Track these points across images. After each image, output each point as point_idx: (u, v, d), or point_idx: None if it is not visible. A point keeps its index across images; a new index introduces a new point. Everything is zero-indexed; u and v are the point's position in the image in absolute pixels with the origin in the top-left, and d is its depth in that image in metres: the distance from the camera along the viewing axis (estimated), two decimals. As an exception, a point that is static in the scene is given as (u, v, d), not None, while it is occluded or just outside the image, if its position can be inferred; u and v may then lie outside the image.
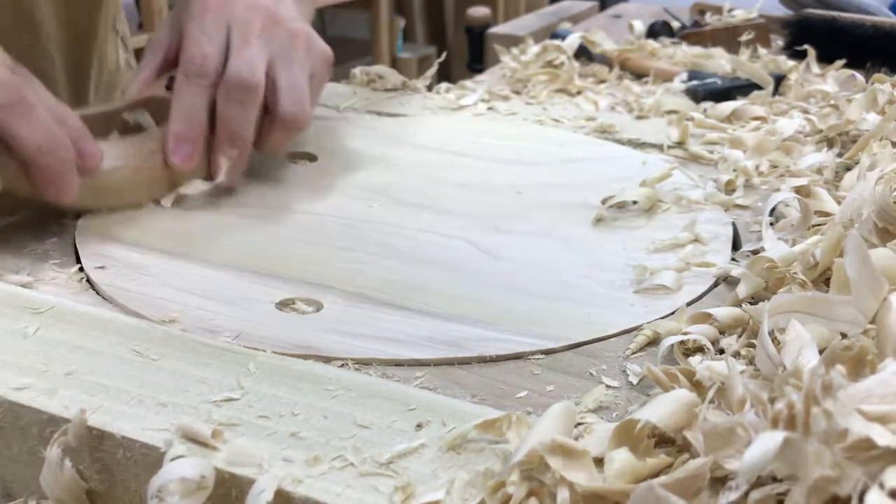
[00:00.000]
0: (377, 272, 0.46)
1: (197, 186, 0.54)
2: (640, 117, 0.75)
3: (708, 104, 0.77)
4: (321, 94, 0.59)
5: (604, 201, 0.55)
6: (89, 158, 0.47)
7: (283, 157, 0.61)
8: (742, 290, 0.42)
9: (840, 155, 0.63)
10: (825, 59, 0.91)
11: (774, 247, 0.45)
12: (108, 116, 0.54)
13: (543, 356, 0.39)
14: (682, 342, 0.38)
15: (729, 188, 0.58)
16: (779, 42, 1.05)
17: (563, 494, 0.27)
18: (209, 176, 0.54)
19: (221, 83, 0.52)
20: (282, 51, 0.54)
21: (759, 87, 0.80)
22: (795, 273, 0.41)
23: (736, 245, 0.50)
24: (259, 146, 0.55)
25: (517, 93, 0.83)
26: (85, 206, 0.50)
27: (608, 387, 0.36)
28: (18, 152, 0.44)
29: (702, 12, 1.15)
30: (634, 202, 0.55)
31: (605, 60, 0.93)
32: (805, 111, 0.75)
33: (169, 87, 0.55)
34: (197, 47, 0.52)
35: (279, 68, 0.53)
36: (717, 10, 1.13)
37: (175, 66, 0.55)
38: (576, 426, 0.32)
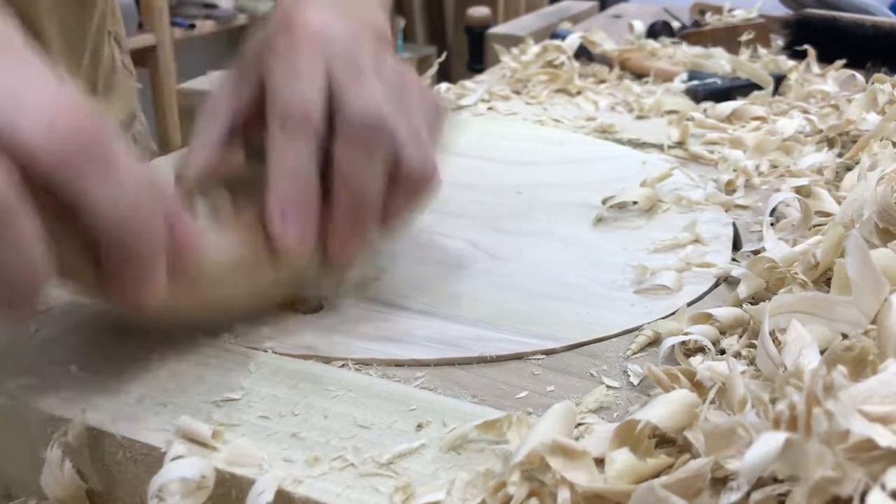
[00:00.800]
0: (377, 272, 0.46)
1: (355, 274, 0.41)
2: (640, 117, 0.75)
3: (708, 104, 0.77)
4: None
5: (604, 201, 0.55)
6: (188, 240, 0.34)
7: None
8: (743, 291, 0.42)
9: (840, 155, 0.63)
10: (825, 59, 0.91)
11: (775, 247, 0.45)
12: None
13: (544, 356, 0.39)
14: (682, 342, 0.38)
15: (729, 188, 0.58)
16: (779, 42, 1.05)
17: (563, 495, 0.27)
18: (325, 259, 0.40)
19: (339, 132, 0.38)
20: (395, 93, 0.40)
21: (759, 87, 0.80)
22: (796, 273, 0.41)
23: (736, 245, 0.50)
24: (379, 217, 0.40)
25: (517, 93, 0.83)
26: (169, 312, 0.35)
27: (609, 387, 0.36)
28: (90, 226, 0.30)
29: (702, 12, 1.15)
30: (634, 202, 0.55)
31: (606, 60, 0.93)
32: (805, 111, 0.75)
33: (259, 157, 0.39)
34: (293, 92, 0.38)
35: (400, 112, 0.40)
36: (717, 10, 1.13)
37: (247, 130, 0.41)
38: (576, 426, 0.32)
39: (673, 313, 0.42)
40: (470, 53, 1.29)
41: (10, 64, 0.29)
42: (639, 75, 0.90)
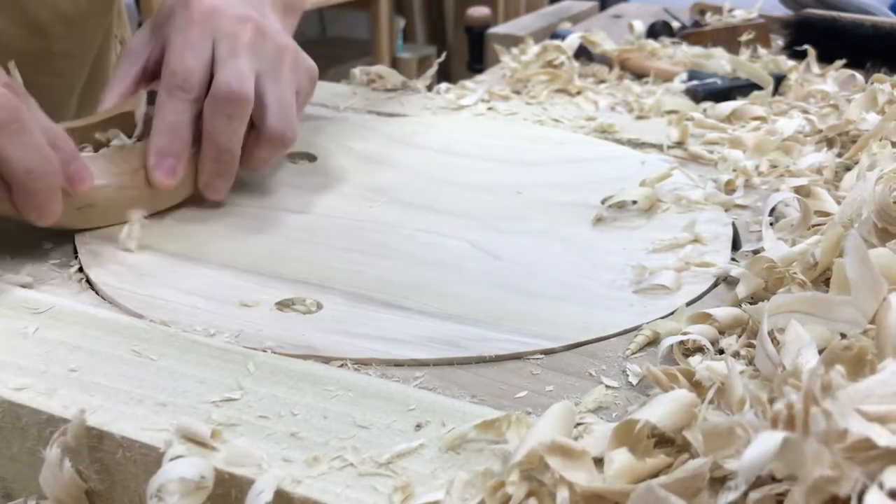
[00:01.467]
0: (377, 272, 0.46)
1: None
2: (640, 117, 0.75)
3: (708, 104, 0.77)
4: (304, 110, 0.58)
5: (604, 201, 0.55)
6: (79, 183, 0.46)
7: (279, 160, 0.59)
8: (742, 290, 0.42)
9: (840, 155, 0.63)
10: (825, 59, 0.91)
11: (774, 247, 0.45)
12: (82, 132, 0.51)
13: (543, 356, 0.39)
14: (681, 342, 0.38)
15: (729, 188, 0.58)
16: (779, 42, 1.05)
17: (562, 494, 0.27)
18: (193, 193, 0.53)
19: (209, 96, 0.50)
20: (269, 65, 0.52)
21: (759, 87, 0.80)
22: (795, 273, 0.41)
23: (736, 245, 0.50)
24: (244, 162, 0.53)
25: (517, 93, 0.83)
26: (65, 226, 0.47)
27: (608, 387, 0.36)
28: (5, 173, 0.43)
29: (702, 12, 1.15)
30: (634, 202, 0.55)
31: (605, 60, 0.93)
32: (805, 111, 0.75)
33: (151, 102, 0.52)
34: (181, 60, 0.50)
35: (267, 83, 0.51)
36: (717, 10, 1.13)
37: (153, 79, 0.53)
38: (575, 426, 0.32)
39: (672, 313, 0.42)
40: (470, 53, 1.29)
41: None
42: (639, 75, 0.90)
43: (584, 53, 0.94)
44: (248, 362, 0.37)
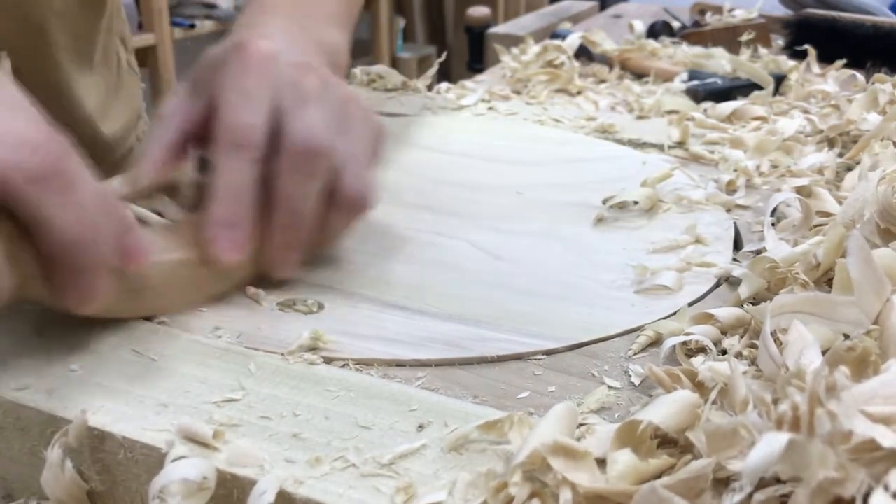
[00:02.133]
0: (378, 272, 0.46)
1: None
2: (640, 117, 0.75)
3: (708, 104, 0.77)
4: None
5: (604, 201, 0.55)
6: (135, 260, 0.36)
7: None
8: (744, 291, 0.42)
9: (841, 155, 0.63)
10: (825, 59, 0.91)
11: (776, 247, 0.45)
12: None
13: (545, 357, 0.38)
14: (684, 343, 0.38)
15: (730, 188, 0.58)
16: (779, 42, 1.05)
17: (565, 495, 0.27)
18: (260, 272, 0.43)
19: (283, 153, 0.41)
20: (338, 119, 0.44)
21: (759, 87, 0.80)
22: (797, 273, 0.41)
23: (737, 245, 0.50)
24: (315, 234, 0.44)
25: (517, 93, 0.83)
26: (109, 313, 0.38)
27: (610, 387, 0.36)
28: (44, 242, 0.33)
29: (702, 12, 1.15)
30: (635, 202, 0.55)
31: (606, 60, 0.93)
32: (806, 111, 0.75)
33: (203, 169, 0.44)
34: (239, 114, 0.41)
35: (338, 138, 0.43)
36: (718, 10, 1.13)
37: (198, 143, 0.44)
38: (578, 427, 0.32)
39: (674, 313, 0.41)
40: (470, 53, 1.29)
41: None
42: (639, 75, 0.90)
43: (584, 53, 0.94)
44: (249, 362, 0.37)
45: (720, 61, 0.88)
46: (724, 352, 0.38)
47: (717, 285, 0.45)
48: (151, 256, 0.38)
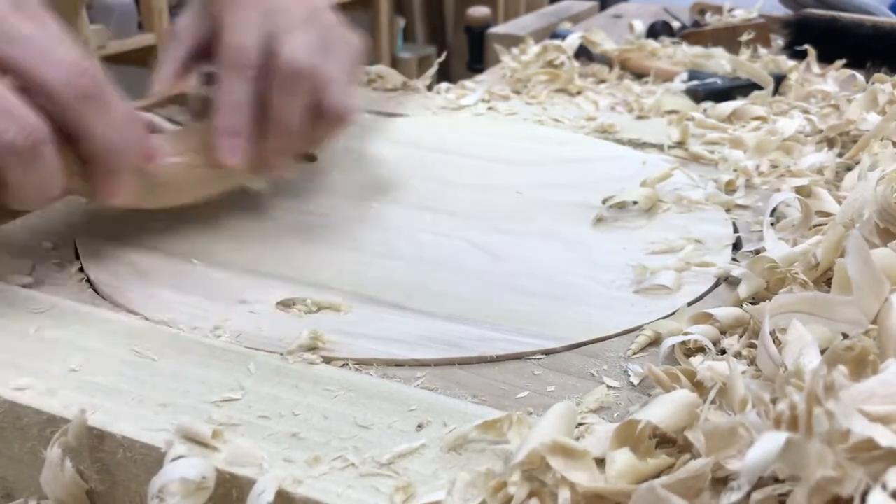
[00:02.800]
0: (377, 272, 0.46)
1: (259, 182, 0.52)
2: (640, 117, 0.75)
3: (708, 104, 0.77)
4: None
5: (604, 201, 0.55)
6: (152, 160, 0.45)
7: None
8: (743, 291, 0.42)
9: (840, 155, 0.63)
10: (825, 59, 0.91)
11: (775, 247, 0.45)
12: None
13: (544, 356, 0.39)
14: (683, 342, 0.38)
15: (729, 188, 0.58)
16: (779, 42, 1.05)
17: (564, 495, 0.27)
18: (256, 173, 0.51)
19: (273, 72, 0.48)
20: (324, 41, 0.50)
21: (759, 87, 0.80)
22: (796, 273, 0.41)
23: (737, 245, 0.50)
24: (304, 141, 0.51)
25: (517, 93, 0.83)
26: (135, 205, 0.46)
27: (609, 387, 0.36)
28: (85, 149, 0.41)
29: (702, 12, 1.15)
30: (635, 202, 0.55)
31: (606, 60, 0.93)
32: (805, 111, 0.75)
33: (208, 83, 0.51)
34: (238, 37, 0.48)
35: (324, 58, 0.49)
36: (718, 10, 1.13)
37: (203, 60, 0.52)
38: (577, 426, 0.32)
39: (673, 313, 0.42)
40: (470, 53, 1.29)
41: (35, 26, 0.39)
42: (639, 75, 0.90)
43: (584, 53, 0.94)
44: (248, 362, 0.37)
45: (720, 61, 0.88)
46: (723, 351, 0.38)
47: (717, 285, 0.45)
48: (165, 158, 0.46)
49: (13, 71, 0.38)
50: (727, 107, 0.75)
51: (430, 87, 0.82)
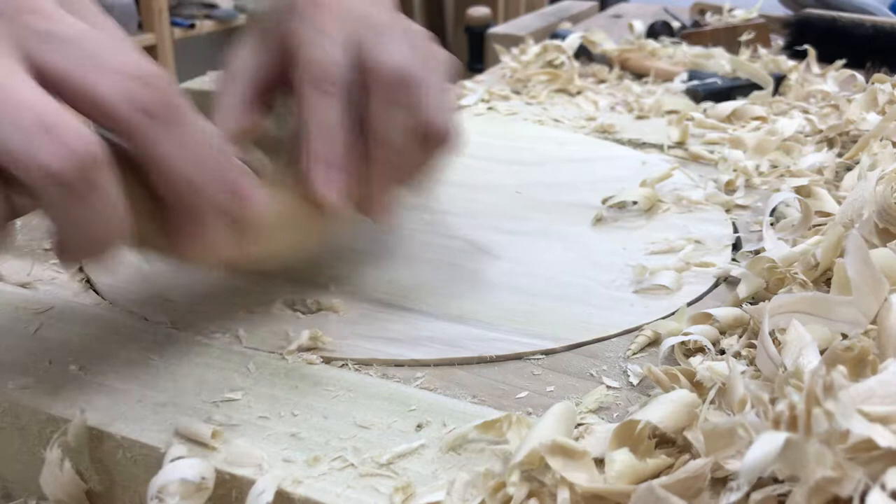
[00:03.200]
0: (377, 272, 0.46)
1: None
2: (640, 117, 0.75)
3: (708, 104, 0.77)
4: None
5: (604, 201, 0.55)
6: (250, 201, 0.34)
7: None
8: (742, 291, 0.42)
9: (840, 155, 0.63)
10: (825, 59, 0.91)
11: (775, 247, 0.45)
12: None
13: (544, 356, 0.39)
14: (682, 343, 0.38)
15: (729, 188, 0.58)
16: (779, 42, 1.05)
17: (563, 495, 0.27)
18: (360, 212, 0.41)
19: (371, 83, 0.39)
20: (415, 49, 0.41)
21: (759, 87, 0.80)
22: (796, 273, 0.41)
23: (736, 245, 0.50)
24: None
25: (517, 93, 0.83)
26: (225, 263, 0.37)
27: (609, 387, 0.36)
28: (157, 182, 0.31)
29: (702, 12, 1.15)
30: (634, 202, 0.55)
31: (605, 60, 0.93)
32: (805, 111, 0.75)
33: (281, 121, 0.43)
34: (321, 50, 0.39)
35: (423, 68, 0.40)
36: (717, 10, 1.13)
37: (272, 91, 0.42)
38: (576, 427, 0.32)
39: (673, 313, 0.42)
40: (470, 53, 1.29)
41: (85, 25, 0.30)
42: (639, 75, 0.90)
43: (584, 53, 0.94)
44: (248, 362, 0.37)
45: (720, 61, 0.88)
46: (722, 351, 0.38)
47: (716, 285, 0.45)
48: (263, 200, 0.35)
49: (57, 83, 0.29)
50: (727, 107, 0.75)
51: (429, 87, 0.82)
